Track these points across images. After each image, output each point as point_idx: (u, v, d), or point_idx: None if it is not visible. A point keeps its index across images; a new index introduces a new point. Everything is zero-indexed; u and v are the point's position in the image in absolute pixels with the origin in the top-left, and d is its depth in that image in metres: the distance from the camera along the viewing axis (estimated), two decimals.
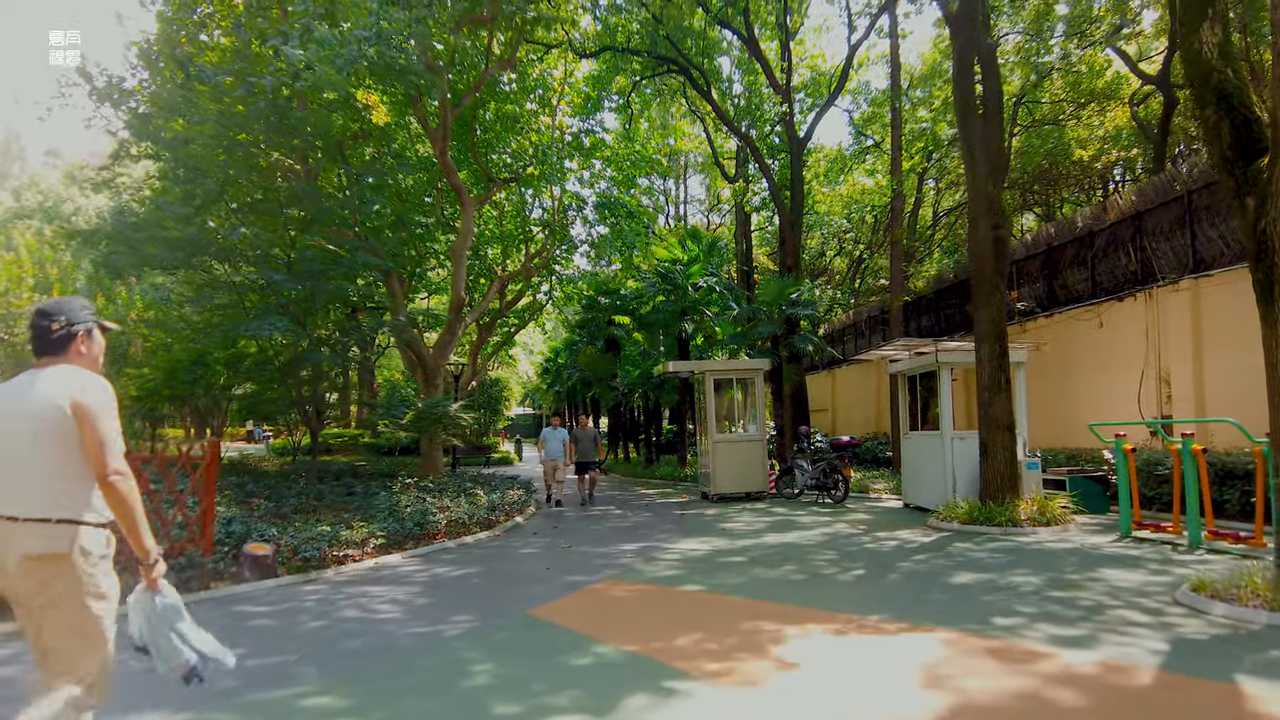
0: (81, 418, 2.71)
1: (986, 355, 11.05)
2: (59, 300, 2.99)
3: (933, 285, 22.33)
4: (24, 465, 2.71)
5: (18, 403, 2.76)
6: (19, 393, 2.79)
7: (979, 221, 11.21)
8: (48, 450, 2.71)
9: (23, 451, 2.71)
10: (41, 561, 2.66)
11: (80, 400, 2.72)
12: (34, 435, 2.71)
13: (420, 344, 18.35)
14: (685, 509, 14.43)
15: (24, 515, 2.67)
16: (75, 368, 2.86)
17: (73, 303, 2.98)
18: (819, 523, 11.71)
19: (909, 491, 13.66)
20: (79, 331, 2.91)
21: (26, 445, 2.71)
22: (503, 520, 12.23)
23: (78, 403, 2.71)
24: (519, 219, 23.68)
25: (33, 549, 2.65)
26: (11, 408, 2.76)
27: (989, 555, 8.43)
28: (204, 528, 7.34)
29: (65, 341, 2.88)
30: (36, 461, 2.70)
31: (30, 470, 2.70)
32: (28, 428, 2.71)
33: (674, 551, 9.31)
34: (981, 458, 11.13)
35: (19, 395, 2.78)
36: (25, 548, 2.65)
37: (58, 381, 2.76)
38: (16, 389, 2.81)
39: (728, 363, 16.64)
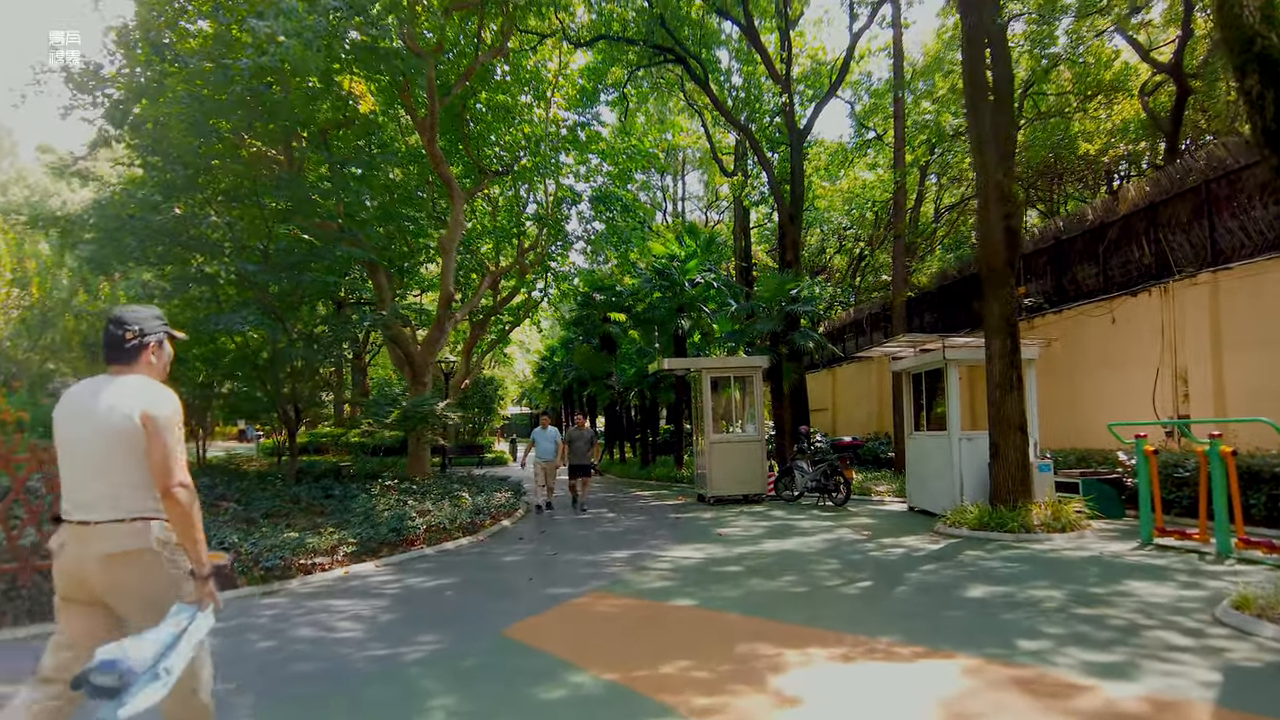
0: (150, 430, 2.77)
1: (997, 351, 10.47)
2: (134, 309, 3.04)
3: (936, 281, 21.76)
4: (97, 471, 2.79)
5: (90, 410, 2.82)
6: (91, 400, 2.84)
7: (988, 210, 10.63)
8: (119, 457, 2.78)
9: (95, 458, 2.80)
10: (122, 559, 2.75)
11: (149, 412, 2.78)
12: (106, 443, 2.78)
13: (407, 341, 17.77)
14: (680, 512, 13.85)
15: (97, 519, 2.76)
16: (145, 378, 2.93)
17: (146, 313, 3.03)
18: (820, 527, 11.13)
19: (913, 494, 13.09)
20: (150, 342, 2.97)
21: (99, 452, 2.79)
22: (488, 525, 11.64)
23: (147, 414, 2.78)
24: (512, 213, 23.07)
25: (112, 548, 2.74)
26: (84, 415, 2.83)
27: (1003, 565, 7.85)
28: None
29: (137, 351, 2.95)
30: (109, 467, 2.78)
31: (102, 475, 2.79)
32: (100, 436, 2.79)
33: (666, 560, 8.73)
34: (991, 459, 10.55)
35: (91, 403, 2.83)
36: (104, 548, 2.74)
37: (129, 391, 2.83)
38: (88, 395, 2.86)
39: (725, 360, 16.08)
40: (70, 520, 2.81)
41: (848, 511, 13.13)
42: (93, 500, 2.79)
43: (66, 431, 2.87)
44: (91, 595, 2.80)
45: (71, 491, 2.84)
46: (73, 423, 2.85)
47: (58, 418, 2.90)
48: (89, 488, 2.80)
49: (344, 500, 11.02)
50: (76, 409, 2.86)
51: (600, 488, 21.05)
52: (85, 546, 2.76)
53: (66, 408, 2.90)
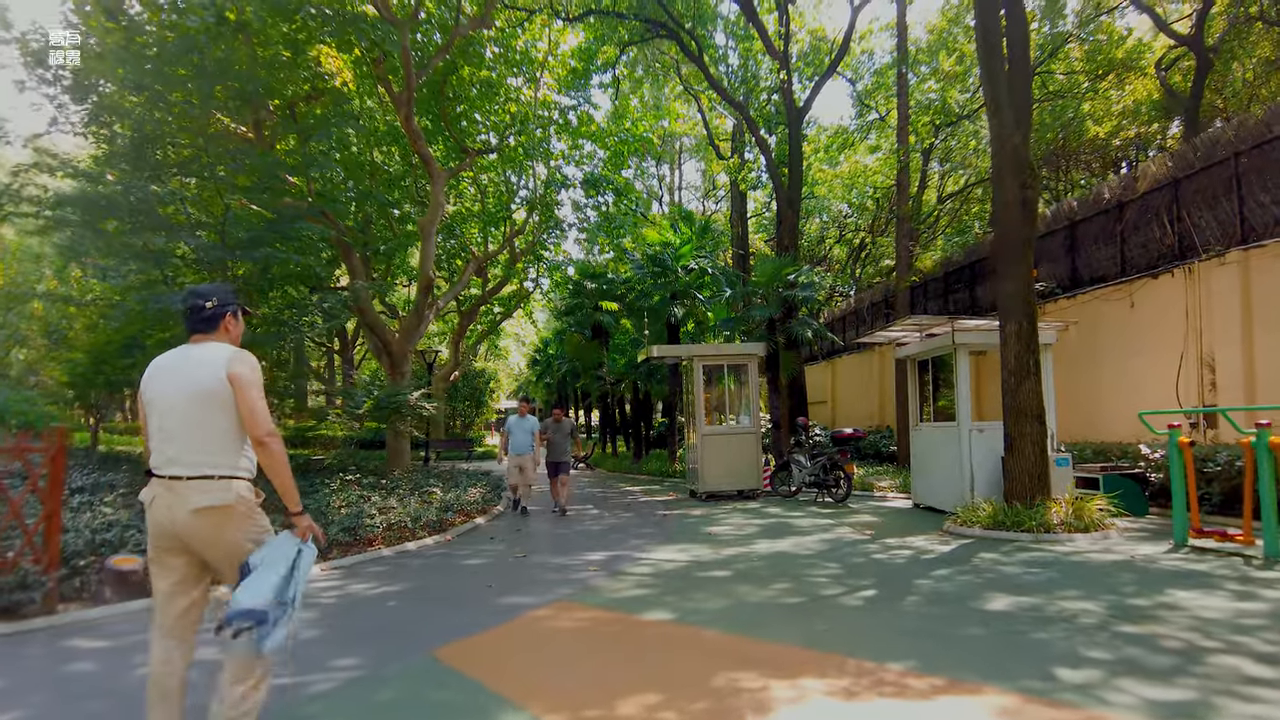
0: (237, 388, 3.00)
1: (1013, 334, 9.56)
2: (210, 284, 3.37)
3: (941, 267, 20.81)
4: (187, 430, 2.99)
5: (180, 374, 3.05)
6: (180, 365, 3.08)
7: (1004, 179, 9.71)
8: (208, 416, 3.00)
9: (186, 418, 3.00)
10: (211, 512, 2.95)
11: (235, 372, 3.01)
12: (196, 403, 2.99)
13: (384, 328, 16.86)
14: (669, 509, 12.95)
15: (188, 474, 2.96)
16: (224, 344, 3.16)
17: (222, 287, 3.29)
18: (818, 526, 10.23)
19: (919, 490, 12.19)
20: (227, 312, 3.22)
21: (189, 412, 3.00)
22: (458, 522, 10.74)
23: (234, 374, 3.00)
24: (501, 198, 22.11)
25: (201, 502, 2.94)
26: (174, 378, 3.05)
27: (1025, 570, 6.94)
28: (47, 537, 5.83)
29: (216, 320, 3.18)
30: (199, 426, 2.99)
31: (192, 434, 2.99)
32: (190, 397, 3.00)
33: (647, 563, 7.83)
34: (1006, 452, 9.64)
35: (180, 367, 3.07)
36: (194, 502, 2.94)
37: (214, 355, 3.06)
38: (177, 361, 3.10)
39: (718, 347, 15.16)
40: (161, 475, 3.01)
41: (848, 508, 12.23)
42: (183, 457, 2.98)
43: (157, 394, 3.06)
44: (180, 544, 3.02)
45: (162, 449, 3.03)
46: (163, 386, 3.05)
47: (147, 382, 3.11)
48: (179, 445, 2.99)
49: (303, 495, 10.09)
50: (166, 373, 3.08)
51: (589, 482, 20.15)
52: (176, 499, 2.96)
53: (156, 372, 3.11)
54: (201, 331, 3.19)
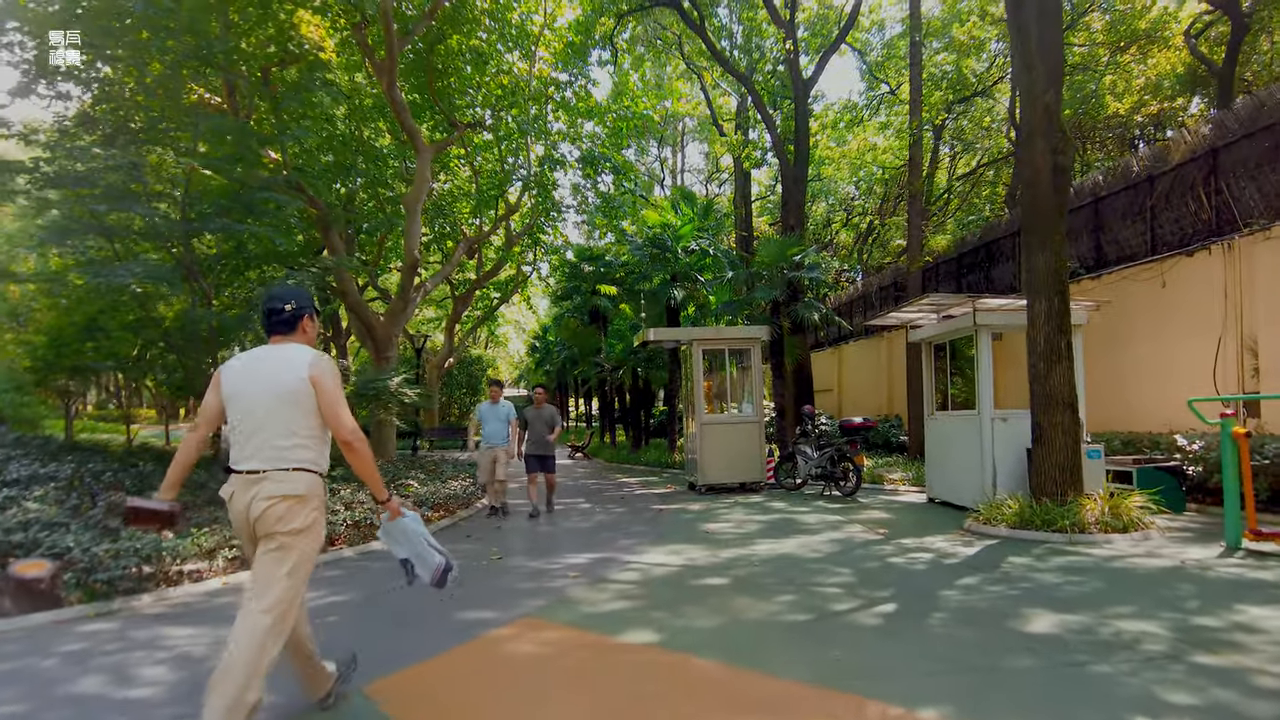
0: (320, 390, 3.18)
1: (1042, 313, 8.65)
2: (287, 287, 3.47)
3: (954, 248, 19.86)
4: (268, 427, 3.13)
5: (262, 374, 3.18)
6: (262, 365, 3.21)
7: (1034, 141, 8.77)
8: (290, 415, 3.15)
9: (268, 416, 3.14)
10: (284, 501, 3.10)
11: (318, 375, 3.18)
12: (279, 402, 3.14)
13: (366, 310, 16.00)
14: (666, 503, 12.10)
15: (267, 467, 3.10)
16: (303, 345, 3.33)
17: (299, 290, 3.43)
18: (826, 523, 9.36)
19: (934, 483, 11.32)
20: (304, 314, 3.37)
21: (272, 410, 3.14)
22: (435, 518, 9.92)
23: (316, 377, 3.17)
24: (495, 179, 21.15)
25: (276, 491, 3.09)
26: (256, 378, 3.18)
27: (1064, 579, 6.07)
28: None
29: (295, 321, 3.34)
30: (279, 424, 3.14)
31: (273, 431, 3.13)
32: (273, 396, 3.14)
33: (635, 567, 6.97)
34: (1034, 444, 8.75)
35: (262, 367, 3.20)
36: (270, 491, 3.09)
37: (295, 356, 3.22)
38: (258, 361, 3.23)
39: (719, 330, 14.26)
40: (240, 470, 3.13)
41: (858, 503, 11.37)
42: (262, 452, 3.12)
43: (238, 391, 3.17)
44: (257, 533, 3.14)
45: (243, 445, 3.15)
46: (245, 384, 3.17)
47: (228, 381, 3.20)
48: (259, 441, 3.13)
49: None
50: (248, 372, 3.20)
51: (585, 473, 19.32)
52: (253, 491, 3.10)
53: (238, 372, 3.21)
54: (280, 333, 3.34)
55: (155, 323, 11.41)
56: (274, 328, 3.33)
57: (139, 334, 11.66)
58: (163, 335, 11.87)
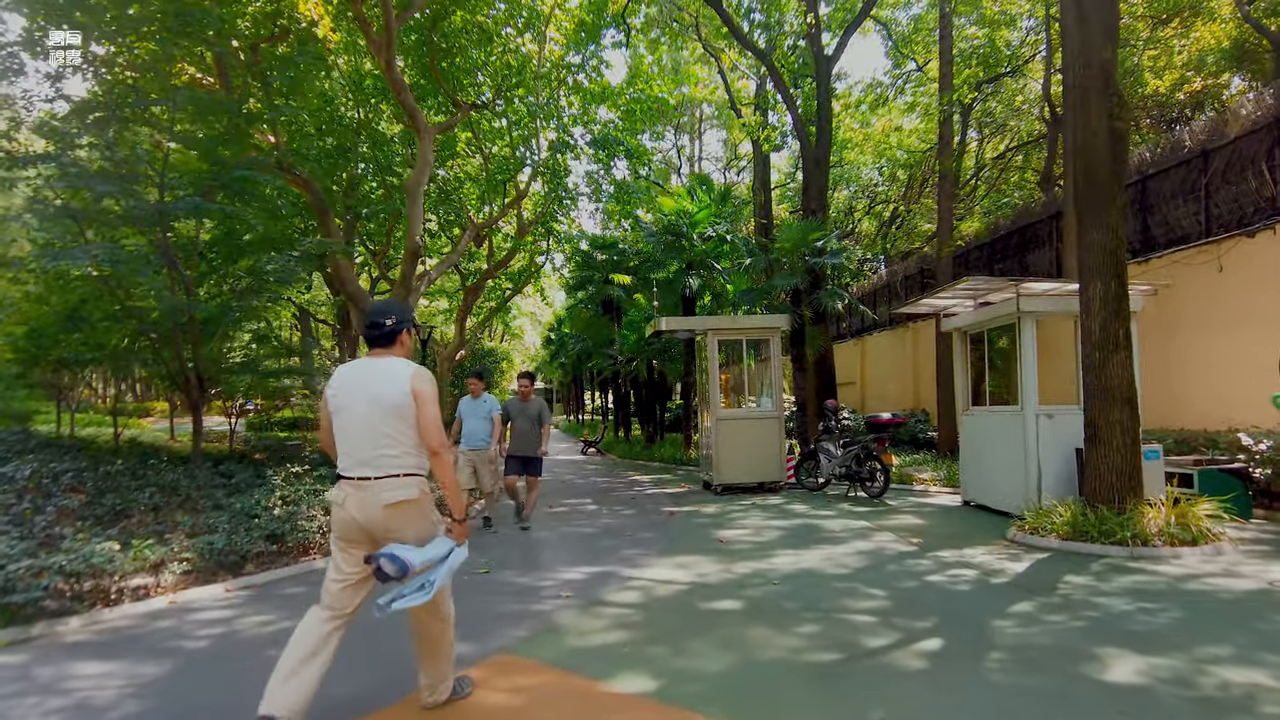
0: (419, 403, 3.35)
1: (1098, 298, 7.71)
2: (388, 302, 3.68)
3: (987, 233, 18.83)
4: (375, 436, 3.30)
5: (367, 387, 3.35)
6: (366, 377, 3.38)
7: (1089, 103, 7.82)
8: (393, 425, 3.32)
9: (374, 425, 3.31)
10: (400, 506, 3.29)
11: (418, 388, 3.36)
12: (384, 413, 3.31)
13: (366, 298, 15.24)
14: (678, 504, 11.27)
15: (376, 474, 3.29)
16: (403, 359, 3.50)
17: (398, 304, 3.62)
18: (853, 531, 8.49)
19: (969, 485, 10.40)
20: (403, 328, 3.55)
21: (378, 420, 3.31)
22: None
23: (417, 389, 3.35)
24: (504, 162, 20.31)
25: (392, 498, 3.28)
26: (361, 391, 3.35)
27: (1134, 605, 5.18)
28: None
29: (394, 335, 3.51)
30: (386, 433, 3.31)
31: (380, 440, 3.30)
32: (379, 407, 3.31)
33: (637, 585, 6.15)
34: (1087, 443, 7.82)
35: (367, 380, 3.37)
36: (386, 498, 3.27)
37: (398, 371, 3.38)
38: (362, 374, 3.40)
39: (736, 319, 13.36)
40: (350, 477, 3.31)
41: (886, 506, 10.48)
42: (372, 460, 3.30)
43: (344, 404, 3.36)
44: (369, 537, 3.33)
45: (351, 453, 3.33)
46: (352, 397, 3.35)
47: (335, 392, 3.39)
48: (368, 450, 3.30)
49: (231, 493, 8.54)
50: (353, 384, 3.38)
51: (595, 470, 18.51)
52: (368, 497, 3.27)
53: (343, 383, 3.39)
54: (381, 346, 3.50)
55: (137, 313, 10.69)
56: (375, 341, 3.51)
57: (124, 325, 10.95)
58: (143, 326, 11.18)
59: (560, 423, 54.99)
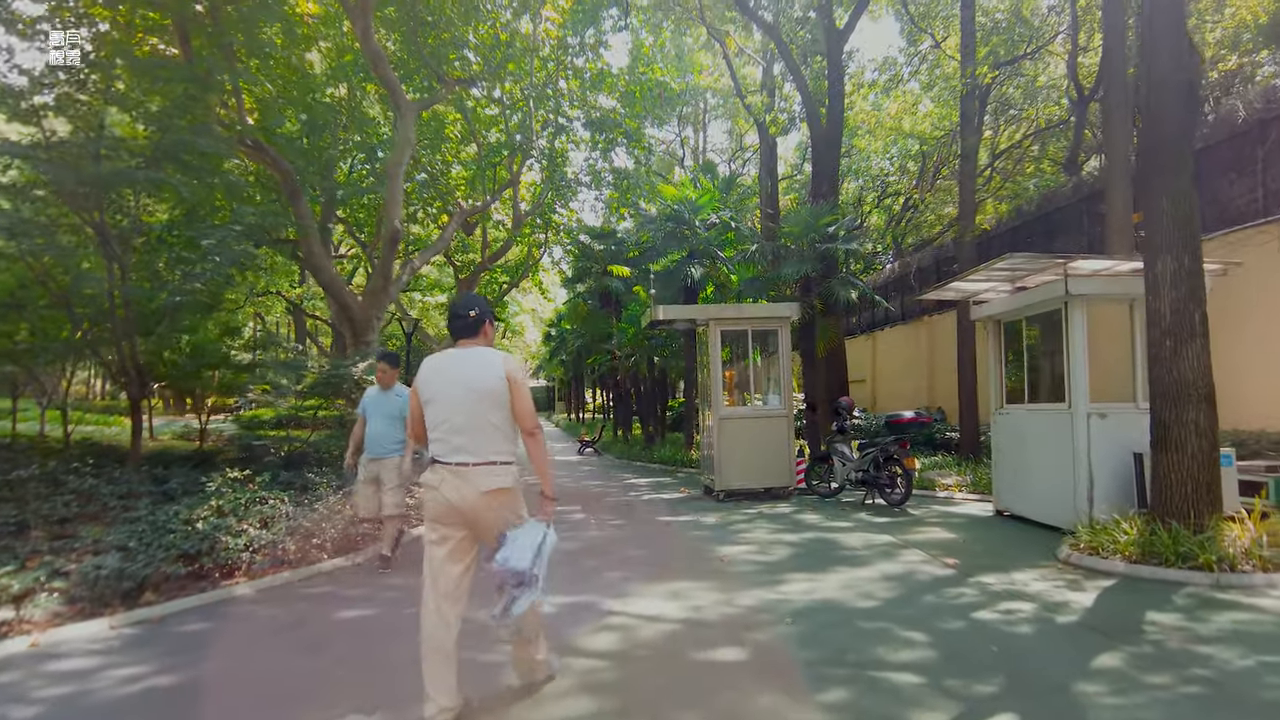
0: (514, 388, 3.47)
1: (1167, 276, 6.53)
2: (470, 295, 3.79)
3: (1016, 215, 17.62)
4: (473, 423, 3.41)
5: (460, 376, 3.45)
6: (458, 367, 3.48)
7: (1158, 49, 6.63)
8: (492, 411, 3.44)
9: (470, 412, 3.41)
10: (496, 493, 3.42)
11: (512, 374, 3.48)
12: (479, 400, 3.42)
13: (342, 287, 14.10)
14: (676, 512, 10.11)
15: (474, 461, 3.40)
16: (490, 348, 3.62)
17: (479, 298, 3.77)
18: (875, 548, 7.32)
19: (1004, 493, 9.22)
20: (485, 320, 3.64)
21: (475, 407, 3.42)
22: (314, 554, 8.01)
23: (511, 376, 3.47)
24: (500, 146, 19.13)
25: (489, 485, 3.41)
26: (455, 379, 3.45)
27: (1254, 659, 4.01)
28: None
29: (477, 326, 3.59)
30: (482, 419, 3.42)
31: (477, 427, 3.42)
32: (474, 395, 3.42)
33: (616, 624, 4.98)
34: (1155, 448, 6.64)
35: (460, 370, 3.47)
36: (483, 484, 3.40)
37: (489, 359, 3.50)
38: (454, 364, 3.49)
39: (740, 308, 12.13)
40: (447, 463, 3.41)
41: (909, 516, 9.31)
42: (469, 446, 3.41)
43: (439, 391, 3.46)
44: (461, 519, 3.44)
45: (447, 439, 3.43)
46: (445, 385, 3.45)
47: (428, 381, 3.50)
48: (465, 436, 3.41)
49: (169, 500, 7.42)
50: (446, 375, 3.47)
51: (589, 472, 17.34)
52: (465, 483, 3.39)
53: (436, 373, 3.50)
54: (466, 337, 3.58)
55: (65, 298, 9.58)
56: (459, 333, 3.58)
57: (70, 314, 9.83)
58: (72, 314, 10.07)
59: (560, 421, 53.84)
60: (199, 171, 10.36)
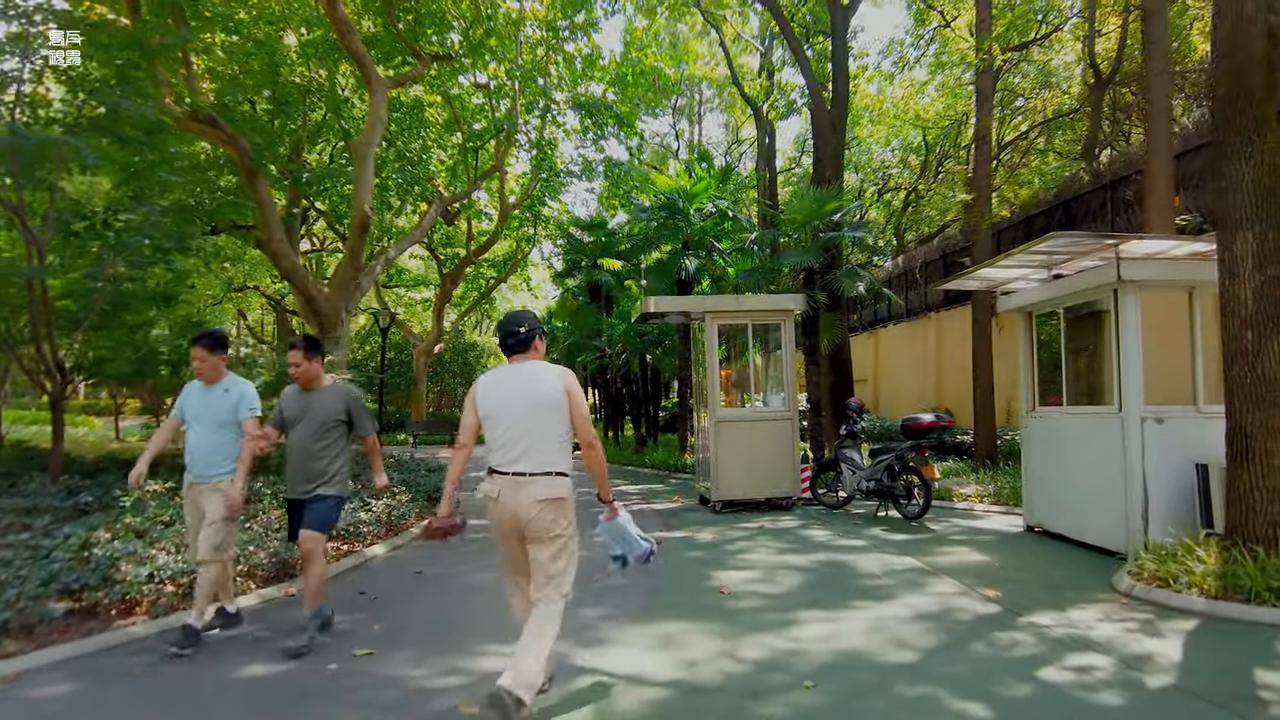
0: (573, 401, 3.57)
1: (1250, 254, 5.50)
2: (521, 312, 3.81)
3: (1026, 209, 16.60)
4: (531, 435, 3.48)
5: (519, 389, 3.54)
6: (516, 381, 3.58)
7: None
8: (548, 423, 3.50)
9: (531, 425, 3.49)
10: (550, 503, 3.48)
11: (570, 388, 3.58)
12: (540, 413, 3.50)
13: (305, 278, 13.01)
14: (669, 526, 9.06)
15: (532, 471, 3.47)
16: (543, 362, 3.70)
17: (528, 313, 3.80)
18: (899, 575, 6.28)
19: (1037, 506, 8.18)
20: (536, 335, 3.70)
21: (534, 420, 3.50)
22: (377, 540, 6.97)
23: (569, 388, 3.57)
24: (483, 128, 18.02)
25: (545, 494, 3.47)
26: (515, 393, 3.54)
27: None
28: None
29: (528, 342, 3.67)
30: (540, 432, 3.49)
31: (536, 438, 3.48)
32: (535, 407, 3.50)
33: (586, 686, 3.92)
34: (1233, 460, 5.61)
35: (519, 383, 3.56)
36: (539, 494, 3.46)
37: (546, 373, 3.60)
38: (512, 378, 3.60)
39: (741, 300, 11.05)
40: (505, 472, 3.50)
41: (928, 531, 8.29)
42: (528, 456, 3.47)
43: (499, 405, 3.55)
44: (520, 528, 3.51)
45: (506, 450, 3.51)
46: (505, 398, 3.54)
47: (487, 395, 3.60)
48: (523, 447, 3.48)
49: (80, 517, 6.35)
50: (504, 387, 3.58)
51: (575, 479, 16.23)
52: (522, 492, 3.46)
53: (494, 388, 3.61)
54: (519, 352, 3.65)
55: None
56: (512, 349, 3.65)
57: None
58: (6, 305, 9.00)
59: None
60: (139, 146, 9.32)
